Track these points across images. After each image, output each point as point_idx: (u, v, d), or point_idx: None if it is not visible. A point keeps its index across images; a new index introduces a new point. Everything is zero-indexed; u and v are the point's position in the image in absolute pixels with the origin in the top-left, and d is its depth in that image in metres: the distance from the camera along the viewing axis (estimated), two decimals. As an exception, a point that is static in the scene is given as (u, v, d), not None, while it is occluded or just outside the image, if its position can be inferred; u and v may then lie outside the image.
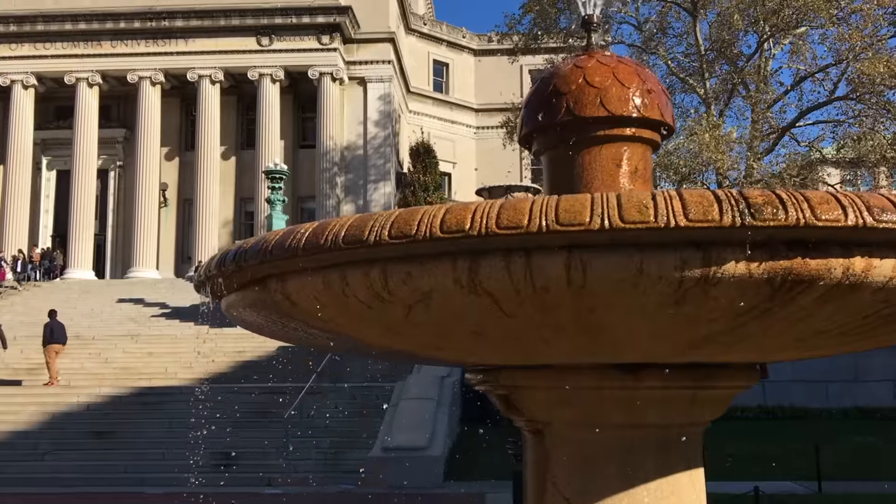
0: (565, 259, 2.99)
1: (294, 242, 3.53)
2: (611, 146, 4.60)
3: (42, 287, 41.66)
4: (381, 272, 3.33)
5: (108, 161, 50.04)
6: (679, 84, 35.12)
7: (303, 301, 3.77)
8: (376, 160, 49.44)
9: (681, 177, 31.57)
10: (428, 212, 3.18)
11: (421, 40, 58.15)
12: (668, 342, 3.59)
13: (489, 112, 57.00)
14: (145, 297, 36.69)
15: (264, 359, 24.80)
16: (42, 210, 49.51)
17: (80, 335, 30.07)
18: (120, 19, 47.02)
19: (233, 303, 4.32)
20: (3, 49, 47.44)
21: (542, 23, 37.00)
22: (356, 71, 49.21)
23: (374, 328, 3.83)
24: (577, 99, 4.58)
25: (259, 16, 46.94)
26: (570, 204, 2.90)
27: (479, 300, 3.20)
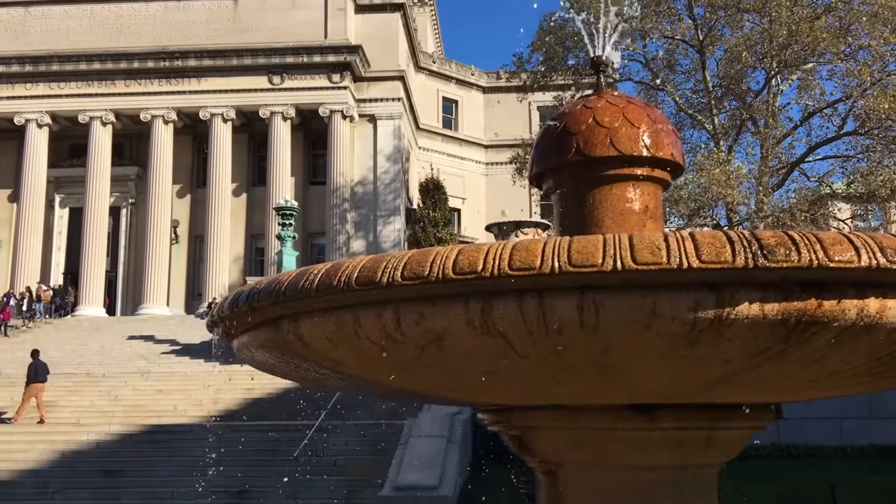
0: (578, 300, 2.99)
1: (307, 283, 3.55)
2: (621, 185, 4.63)
3: (53, 324, 41.77)
4: (394, 313, 3.34)
5: (121, 198, 50.46)
6: (688, 120, 35.28)
7: (315, 342, 3.78)
8: (386, 196, 49.68)
9: (690, 212, 31.58)
10: (441, 253, 3.20)
11: (430, 78, 58.74)
12: (682, 383, 3.57)
13: (498, 148, 57.32)
14: (155, 334, 36.72)
15: (274, 396, 24.71)
16: (54, 247, 49.84)
17: (90, 372, 30.09)
18: (134, 59, 47.74)
19: (245, 343, 4.33)
20: (19, 89, 48.17)
21: (550, 60, 37.36)
22: (366, 108, 49.69)
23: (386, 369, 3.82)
24: (587, 139, 4.63)
25: (271, 55, 47.57)
26: (582, 245, 2.92)
27: (492, 341, 3.20)
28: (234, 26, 48.70)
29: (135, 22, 48.96)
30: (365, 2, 50.98)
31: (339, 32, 48.63)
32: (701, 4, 33.12)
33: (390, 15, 51.35)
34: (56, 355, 33.33)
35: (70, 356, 33.37)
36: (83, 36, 48.59)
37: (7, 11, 49.42)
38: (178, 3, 49.32)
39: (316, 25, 48.59)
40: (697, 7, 33.33)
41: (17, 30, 49.01)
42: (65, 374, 29.96)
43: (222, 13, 49.08)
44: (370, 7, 51.08)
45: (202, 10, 49.14)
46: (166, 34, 48.50)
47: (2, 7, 49.41)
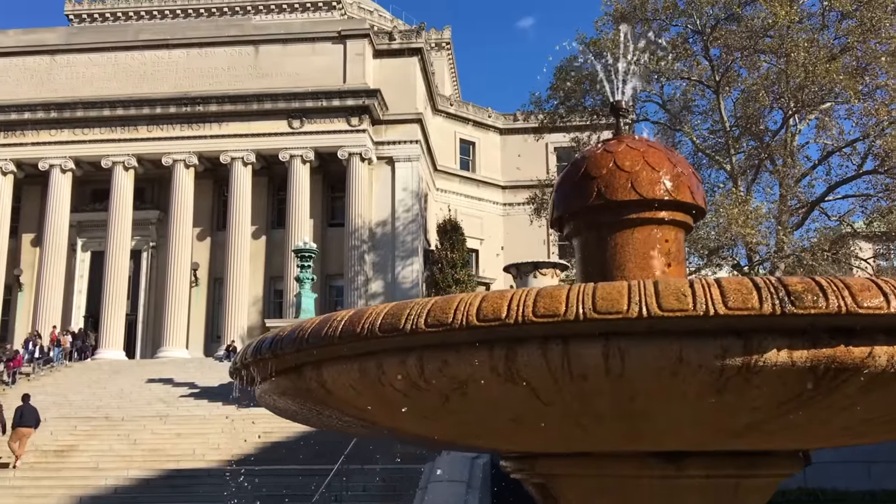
0: (603, 347, 2.98)
1: (330, 330, 3.55)
2: (643, 229, 4.62)
3: (73, 368, 41.92)
4: (418, 360, 3.33)
5: (142, 242, 50.96)
6: (706, 160, 35.28)
7: (338, 389, 3.77)
8: (404, 237, 49.84)
9: (709, 251, 31.40)
10: (464, 300, 3.20)
11: (448, 120, 59.28)
12: (709, 431, 3.52)
13: (516, 189, 57.51)
14: (174, 377, 36.73)
15: (292, 440, 24.57)
16: (76, 291, 50.24)
17: (109, 416, 30.08)
18: (156, 105, 48.57)
19: (268, 390, 4.32)
20: (44, 135, 49.06)
21: (567, 101, 37.60)
22: (384, 151, 50.13)
23: (410, 416, 3.80)
24: (608, 183, 4.64)
25: (290, 100, 48.24)
26: (606, 292, 2.91)
27: (517, 388, 3.18)
28: (255, 72, 49.52)
29: (157, 69, 49.93)
30: (383, 47, 51.72)
31: (358, 77, 49.31)
32: (717, 46, 33.33)
33: (408, 59, 52.04)
34: (76, 399, 33.46)
35: (89, 399, 33.43)
36: (107, 83, 49.55)
37: (34, 59, 50.57)
38: (200, 50, 50.28)
39: (335, 70, 49.31)
40: (713, 48, 33.54)
41: (42, 77, 50.08)
42: (84, 418, 30.00)
43: (243, 59, 49.95)
44: (388, 52, 51.81)
45: (224, 56, 50.04)
46: (188, 80, 49.37)
47: (28, 55, 50.56)
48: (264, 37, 50.52)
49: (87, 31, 56.77)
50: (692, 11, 33.09)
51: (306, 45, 49.96)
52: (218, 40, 50.41)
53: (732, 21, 32.81)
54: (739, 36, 32.39)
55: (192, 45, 50.33)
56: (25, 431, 25.31)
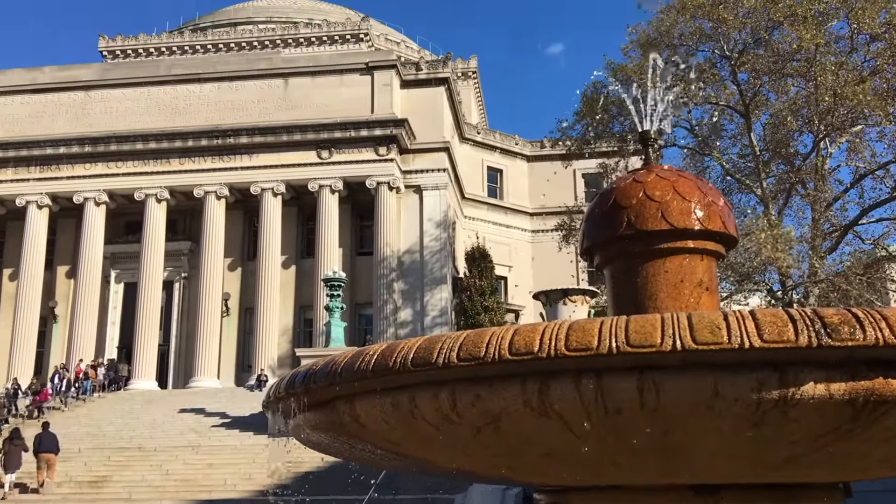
0: (637, 381, 2.96)
1: (363, 365, 3.57)
2: (674, 259, 4.60)
3: (107, 398, 42.33)
4: (450, 394, 3.33)
5: (174, 273, 51.54)
6: (735, 184, 35.02)
7: (371, 423, 3.78)
8: (433, 265, 49.90)
9: (741, 277, 31.06)
10: (496, 333, 3.21)
11: (475, 148, 59.53)
12: (746, 464, 3.48)
13: (544, 216, 57.45)
14: (206, 407, 36.93)
15: (323, 469, 24.55)
16: (109, 322, 50.83)
17: (142, 447, 30.28)
18: (188, 138, 49.34)
19: (301, 423, 4.34)
20: (79, 168, 50.01)
21: (595, 128, 37.60)
22: (412, 179, 50.41)
23: (442, 450, 3.80)
24: (638, 213, 4.63)
25: (319, 130, 48.78)
26: (640, 325, 2.90)
27: (550, 422, 3.16)
28: (284, 104, 50.19)
29: (189, 102, 50.80)
30: (410, 77, 52.23)
31: (386, 107, 49.77)
32: (745, 70, 33.21)
33: (435, 89, 52.47)
34: (109, 429, 33.76)
35: (122, 430, 33.71)
36: (140, 116, 50.50)
37: (69, 95, 51.72)
38: (231, 84, 51.11)
39: (363, 101, 49.84)
40: (741, 73, 33.43)
41: (77, 112, 51.17)
42: (117, 448, 30.23)
43: (273, 92, 50.68)
44: (415, 82, 52.29)
45: (254, 89, 50.82)
46: (219, 113, 50.16)
47: (64, 91, 51.72)
48: (293, 69, 51.27)
49: (121, 67, 58.01)
50: (719, 37, 33.05)
51: (335, 77, 50.61)
52: (248, 74, 51.25)
53: (760, 45, 32.70)
54: (767, 60, 32.26)
55: (222, 79, 51.21)
56: (46, 457, 26.11)
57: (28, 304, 48.49)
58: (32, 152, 49.73)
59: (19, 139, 49.75)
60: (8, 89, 51.68)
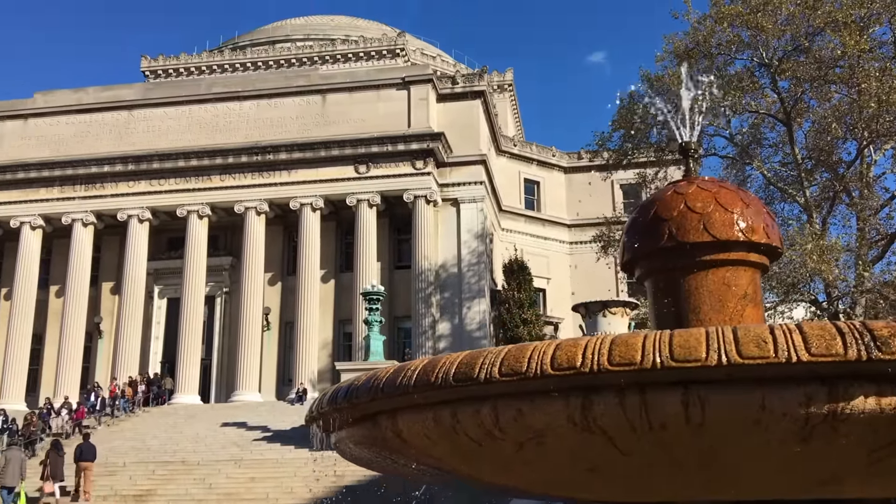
0: (682, 396, 2.93)
1: (405, 380, 3.59)
2: (717, 271, 4.55)
3: (151, 412, 42.93)
4: (492, 409, 3.33)
5: (215, 288, 52.19)
6: (778, 194, 34.47)
7: (413, 438, 3.78)
8: (470, 278, 49.86)
9: (786, 288, 30.51)
10: (538, 348, 3.20)
11: (511, 160, 59.50)
12: (794, 479, 3.42)
13: (582, 227, 57.14)
14: (248, 421, 37.25)
15: (364, 483, 24.60)
16: (153, 337, 51.61)
17: (185, 460, 30.62)
18: (228, 155, 50.06)
19: (343, 438, 4.37)
20: (122, 186, 51.00)
21: (632, 138, 37.33)
22: (449, 192, 50.51)
23: (484, 465, 3.79)
24: (679, 225, 4.59)
25: (357, 145, 49.17)
26: (684, 339, 2.87)
27: (594, 438, 3.14)
28: (322, 120, 50.71)
29: (229, 120, 51.58)
30: (446, 91, 52.44)
31: (422, 121, 50.01)
32: (785, 78, 32.74)
33: (471, 102, 52.61)
34: (153, 443, 34.21)
35: (166, 444, 34.13)
36: (181, 135, 51.38)
37: (112, 115, 52.82)
38: (269, 101, 51.80)
39: (400, 116, 50.14)
40: (782, 80, 32.96)
41: (121, 131, 52.23)
42: (161, 462, 30.60)
43: (311, 108, 51.25)
44: (451, 96, 52.48)
45: (293, 106, 51.45)
46: (259, 130, 50.85)
47: (107, 111, 52.84)
48: (331, 86, 51.80)
49: (163, 86, 59.16)
50: (758, 45, 32.65)
51: (372, 93, 51.02)
52: (287, 91, 51.90)
53: (800, 52, 32.24)
54: (808, 67, 31.78)
55: (261, 97, 51.92)
56: (84, 465, 27.11)
57: (74, 320, 49.45)
58: (78, 171, 50.86)
59: (65, 158, 50.93)
60: (54, 110, 52.98)
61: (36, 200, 51.22)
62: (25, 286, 50.32)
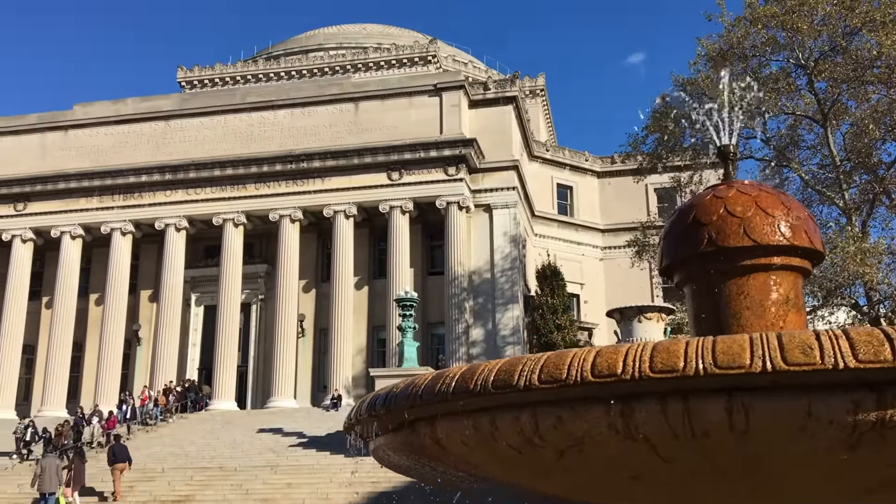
0: (725, 403, 2.89)
1: (443, 387, 3.58)
2: (758, 276, 4.49)
3: (188, 419, 43.43)
4: (532, 417, 3.31)
5: (251, 295, 52.70)
6: (816, 196, 33.96)
7: (452, 445, 3.78)
8: (503, 284, 49.76)
9: (826, 292, 30.03)
10: (578, 355, 3.18)
11: (544, 165, 59.33)
12: (840, 487, 3.36)
13: (615, 232, 56.75)
14: (284, 427, 37.51)
15: (399, 488, 24.63)
16: (190, 344, 52.24)
17: (223, 466, 30.92)
18: (263, 163, 50.59)
19: (382, 445, 4.37)
20: (160, 196, 51.76)
21: (666, 142, 37.05)
22: (482, 198, 50.49)
23: (523, 472, 3.77)
24: (719, 229, 4.54)
25: (389, 152, 49.39)
26: (727, 345, 2.83)
27: (636, 445, 3.11)
28: (355, 127, 51.03)
29: (264, 129, 52.14)
30: (478, 97, 52.47)
31: (454, 127, 50.09)
32: (822, 79, 32.28)
33: (503, 108, 52.59)
34: (191, 449, 34.60)
35: (204, 450, 34.49)
36: (217, 144, 52.03)
37: (150, 126, 53.68)
38: (303, 110, 52.27)
39: (432, 122, 50.28)
40: (818, 82, 32.50)
41: (158, 141, 53.04)
42: (199, 468, 30.92)
43: (344, 116, 51.60)
44: (483, 102, 52.51)
45: (326, 114, 51.84)
46: (292, 139, 51.30)
47: (145, 122, 53.70)
48: (363, 93, 52.13)
49: (199, 97, 59.96)
50: (793, 46, 32.23)
51: (404, 100, 51.23)
52: (320, 99, 52.31)
53: (837, 53, 31.76)
54: (845, 68, 31.29)
55: (295, 105, 52.39)
56: (120, 466, 28.07)
57: (113, 328, 50.24)
58: (116, 181, 51.73)
59: (104, 169, 51.83)
60: (94, 121, 53.96)
61: (76, 210, 52.18)
62: (66, 295, 51.24)
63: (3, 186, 52.81)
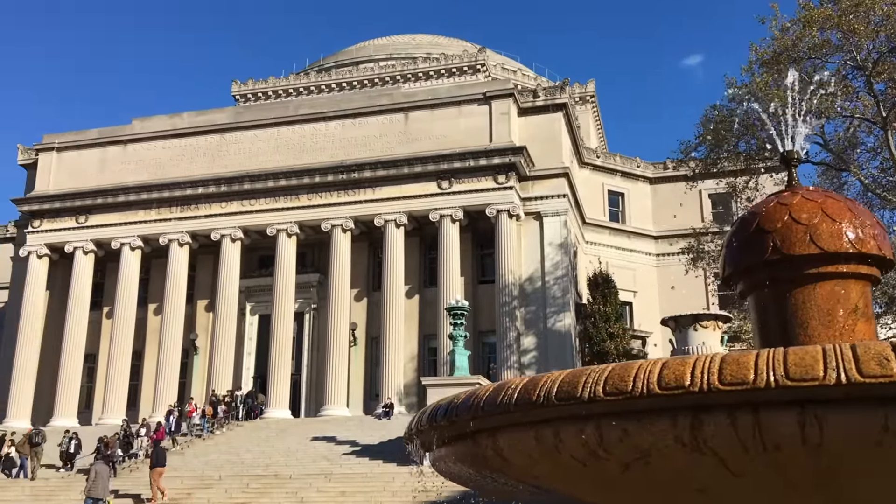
0: (798, 416, 2.83)
1: (505, 398, 3.57)
2: (825, 284, 4.38)
3: (244, 426, 44.06)
4: (596, 429, 3.28)
5: (304, 304, 53.32)
6: (877, 200, 33.07)
7: (514, 456, 3.76)
8: (555, 292, 49.45)
9: (888, 299, 29.19)
10: (643, 367, 3.14)
11: (595, 172, 58.90)
12: (919, 503, 3.24)
13: (669, 238, 56.02)
14: (337, 435, 37.79)
15: (454, 497, 24.59)
16: (245, 353, 53.04)
17: (278, 474, 31.27)
18: (315, 174, 51.23)
19: (442, 456, 4.37)
20: (215, 207, 52.78)
21: (718, 148, 36.50)
22: (532, 206, 50.32)
23: (587, 485, 3.73)
24: (784, 237, 4.44)
25: (439, 161, 49.57)
26: (799, 357, 2.77)
27: (704, 459, 3.06)
28: (405, 137, 51.36)
29: (315, 140, 52.82)
30: (527, 105, 52.37)
31: (504, 135, 50.06)
32: (881, 80, 31.46)
33: (553, 115, 52.39)
34: (247, 457, 35.08)
35: (259, 458, 34.94)
36: (270, 156, 52.87)
37: (205, 139, 54.80)
38: (354, 121, 52.81)
39: (481, 131, 50.34)
40: (877, 83, 31.68)
41: (213, 154, 54.12)
42: (255, 476, 31.32)
43: (394, 126, 52.00)
44: (533, 109, 52.39)
45: (376, 125, 52.31)
46: (343, 149, 51.87)
47: (201, 135, 54.85)
48: (413, 103, 52.46)
49: (252, 110, 61.02)
50: (850, 47, 31.47)
51: (453, 109, 51.40)
52: (370, 110, 52.81)
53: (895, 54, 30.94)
54: (906, 68, 30.44)
55: (346, 116, 52.97)
56: (160, 470, 29.08)
57: (171, 337, 51.29)
58: (174, 193, 52.89)
59: (162, 181, 53.06)
60: (151, 135, 55.30)
61: (135, 222, 53.47)
62: (126, 305, 52.49)
63: (65, 200, 54.40)
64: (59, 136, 57.43)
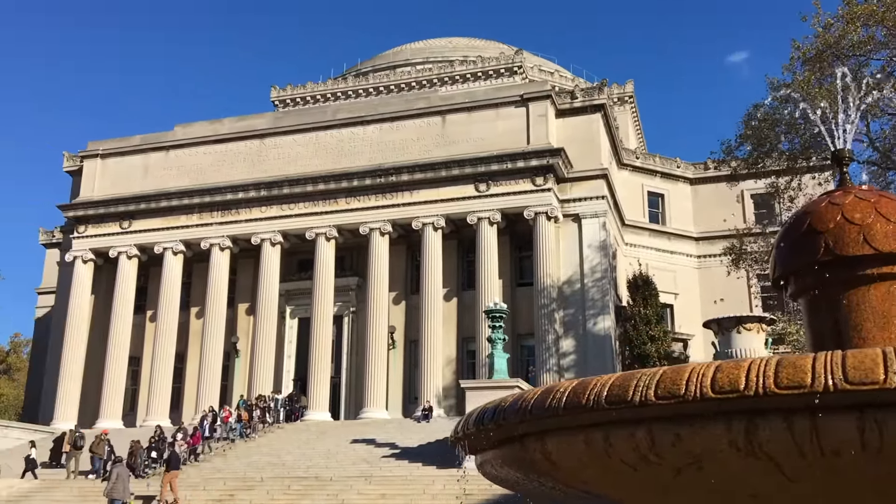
0: (857, 420, 2.77)
1: (554, 402, 3.55)
2: (880, 286, 4.28)
3: (285, 429, 44.45)
4: (647, 433, 3.24)
5: (343, 308, 53.65)
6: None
7: (563, 460, 3.73)
8: (594, 294, 49.09)
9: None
10: (696, 370, 3.10)
11: (634, 173, 58.37)
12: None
13: (710, 240, 55.31)
14: (376, 438, 37.93)
15: (493, 500, 24.53)
16: (286, 355, 53.51)
17: (318, 476, 31.47)
18: (353, 178, 51.52)
19: (488, 459, 4.36)
20: (255, 212, 53.37)
21: (760, 147, 35.95)
22: (570, 208, 50.03)
23: (637, 490, 3.69)
24: (836, 237, 4.35)
25: (477, 164, 49.53)
26: (858, 360, 2.71)
27: (758, 463, 3.01)
28: (442, 140, 51.42)
29: (353, 144, 53.15)
30: (565, 106, 52.10)
31: (541, 137, 49.87)
32: (929, 76, 30.74)
33: (591, 116, 52.05)
34: (288, 459, 35.38)
35: (300, 460, 35.21)
36: (309, 160, 53.31)
37: (245, 144, 55.45)
38: (391, 124, 53.04)
39: (518, 133, 50.21)
40: (925, 79, 30.94)
41: (253, 159, 54.74)
42: (296, 478, 31.56)
43: (431, 129, 52.10)
44: (570, 111, 52.10)
45: (413, 128, 52.47)
46: (381, 153, 52.12)
47: (241, 140, 55.51)
48: (450, 106, 52.50)
49: (291, 115, 61.57)
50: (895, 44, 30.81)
51: (490, 111, 51.34)
52: (407, 113, 52.98)
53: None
54: (956, 63, 29.70)
55: (384, 120, 53.22)
56: (174, 473, 29.67)
57: (213, 340, 51.95)
58: (215, 198, 53.59)
59: (203, 186, 53.80)
60: (193, 141, 56.13)
61: (177, 227, 54.30)
62: (168, 308, 53.31)
63: (109, 205, 55.44)
64: (103, 143, 58.57)
